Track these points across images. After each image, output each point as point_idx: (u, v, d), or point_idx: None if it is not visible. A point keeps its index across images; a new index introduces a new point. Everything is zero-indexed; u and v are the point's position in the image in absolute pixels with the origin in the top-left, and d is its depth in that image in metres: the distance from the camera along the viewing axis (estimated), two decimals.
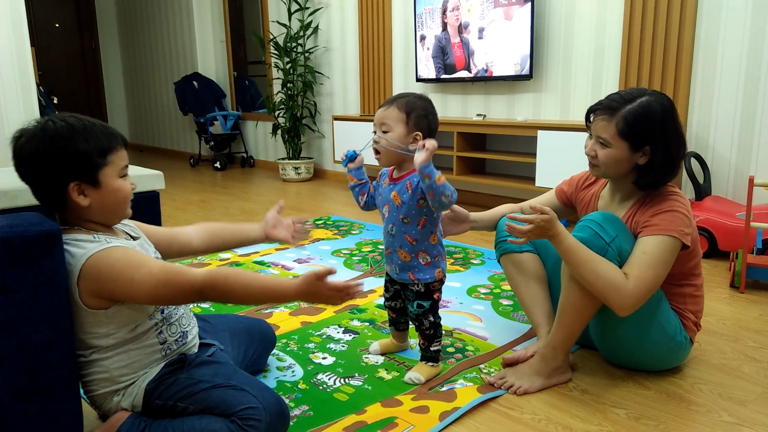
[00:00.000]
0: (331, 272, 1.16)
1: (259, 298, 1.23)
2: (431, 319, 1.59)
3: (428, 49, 4.07)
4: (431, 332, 1.60)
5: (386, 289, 1.70)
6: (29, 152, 1.17)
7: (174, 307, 1.33)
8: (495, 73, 3.73)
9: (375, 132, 1.56)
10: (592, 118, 1.56)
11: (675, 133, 1.50)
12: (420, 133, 1.53)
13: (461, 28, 3.84)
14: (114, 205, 1.24)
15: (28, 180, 1.20)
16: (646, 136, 1.48)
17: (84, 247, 1.18)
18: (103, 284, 1.16)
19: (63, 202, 1.19)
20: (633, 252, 1.47)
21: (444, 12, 3.92)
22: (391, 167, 1.60)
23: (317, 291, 1.17)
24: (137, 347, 1.26)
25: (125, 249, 1.20)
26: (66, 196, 1.18)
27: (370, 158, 1.55)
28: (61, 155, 1.16)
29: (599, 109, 1.54)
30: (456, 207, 1.77)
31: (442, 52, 4.00)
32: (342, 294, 1.19)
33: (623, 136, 1.49)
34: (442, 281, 1.60)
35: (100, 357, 1.24)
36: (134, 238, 1.34)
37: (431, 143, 1.41)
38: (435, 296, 1.59)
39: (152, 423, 1.24)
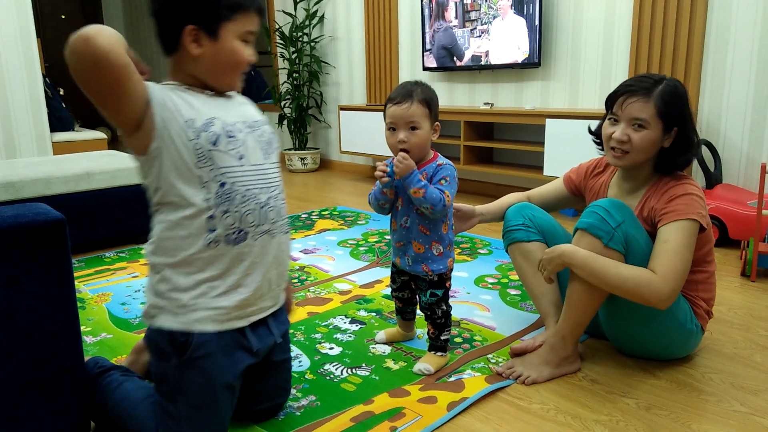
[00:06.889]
0: None
1: None
2: (443, 308, 1.59)
3: (434, 44, 4.04)
4: (443, 321, 1.60)
5: (393, 280, 1.69)
6: None
7: (237, 180, 1.16)
8: (502, 61, 3.69)
9: (392, 129, 1.52)
10: (621, 102, 1.53)
11: (691, 115, 1.55)
12: (439, 123, 1.55)
13: (468, 18, 3.80)
14: (225, 65, 1.17)
15: (155, 15, 1.15)
16: (677, 116, 1.51)
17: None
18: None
19: (176, 45, 1.15)
20: (655, 244, 1.46)
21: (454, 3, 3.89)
22: None
23: None
24: (183, 220, 1.14)
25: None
26: (180, 39, 1.13)
27: (375, 148, 1.52)
28: None
29: (631, 92, 1.51)
30: (459, 204, 1.78)
31: (449, 50, 3.97)
32: None
33: (661, 116, 1.49)
34: (451, 269, 1.61)
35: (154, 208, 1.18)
36: None
37: (401, 159, 1.46)
38: (447, 284, 1.60)
39: (109, 381, 1.26)
